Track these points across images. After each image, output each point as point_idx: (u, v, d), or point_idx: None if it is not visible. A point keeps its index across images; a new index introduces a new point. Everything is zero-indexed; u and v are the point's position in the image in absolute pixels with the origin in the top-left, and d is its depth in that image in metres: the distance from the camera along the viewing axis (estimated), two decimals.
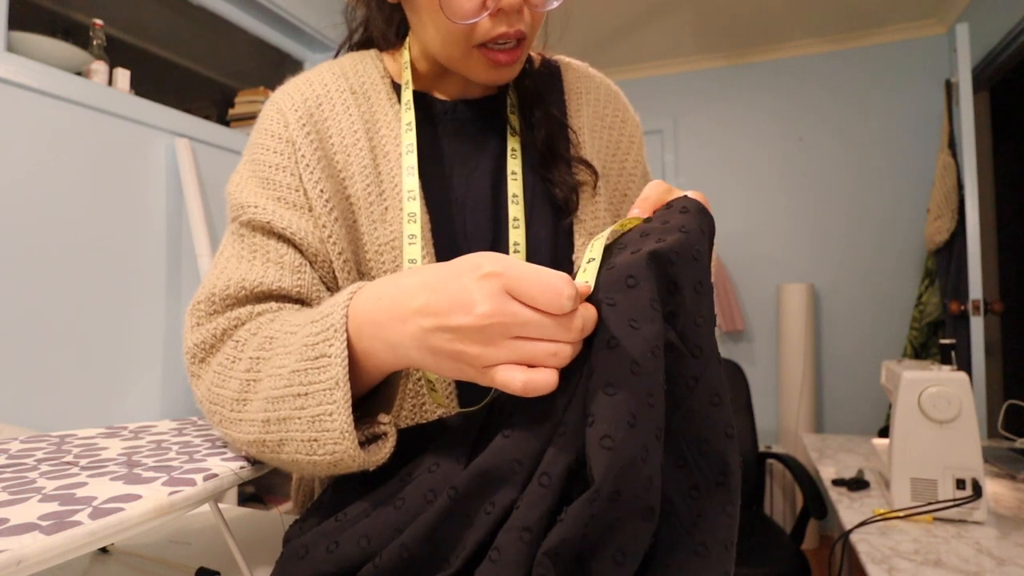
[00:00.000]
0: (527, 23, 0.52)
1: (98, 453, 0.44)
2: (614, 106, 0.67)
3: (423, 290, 0.34)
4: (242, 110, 2.01)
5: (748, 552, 1.56)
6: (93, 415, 1.44)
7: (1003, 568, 0.82)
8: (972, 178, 1.98)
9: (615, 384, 0.30)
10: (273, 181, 0.53)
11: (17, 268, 1.30)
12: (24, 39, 1.35)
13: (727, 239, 2.98)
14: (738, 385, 1.95)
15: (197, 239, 1.62)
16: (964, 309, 2.04)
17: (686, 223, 0.37)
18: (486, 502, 0.32)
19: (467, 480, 0.33)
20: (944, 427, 0.99)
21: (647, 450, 0.30)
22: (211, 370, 0.45)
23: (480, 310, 0.31)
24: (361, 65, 0.60)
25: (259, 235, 0.51)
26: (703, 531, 0.32)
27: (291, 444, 0.38)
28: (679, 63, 3.10)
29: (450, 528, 0.33)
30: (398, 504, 0.35)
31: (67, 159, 1.41)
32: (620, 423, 0.30)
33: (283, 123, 0.55)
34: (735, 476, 0.33)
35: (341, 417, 0.35)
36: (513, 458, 0.32)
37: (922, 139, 2.67)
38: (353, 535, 0.35)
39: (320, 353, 0.37)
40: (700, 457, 0.34)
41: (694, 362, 0.34)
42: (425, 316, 0.33)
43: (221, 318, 0.47)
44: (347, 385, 0.35)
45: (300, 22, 2.16)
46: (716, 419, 0.34)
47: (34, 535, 0.27)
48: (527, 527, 0.30)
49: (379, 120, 0.57)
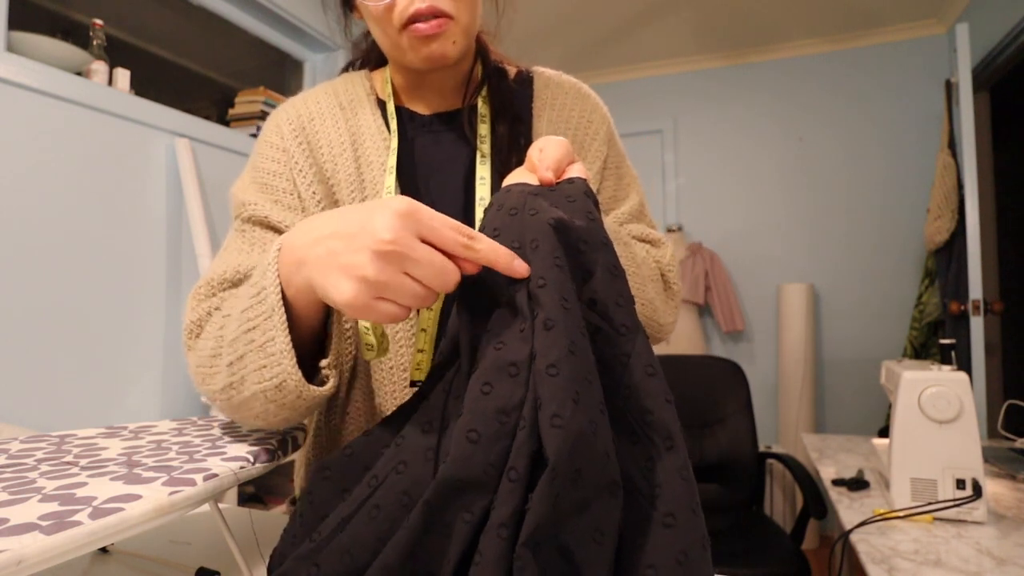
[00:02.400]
0: (446, 2, 0.54)
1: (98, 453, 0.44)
2: (580, 107, 0.69)
3: (337, 219, 0.37)
4: (242, 110, 2.01)
5: (748, 552, 1.56)
6: (93, 415, 1.44)
7: (1003, 568, 0.82)
8: (972, 178, 1.98)
9: (557, 364, 0.32)
10: (271, 186, 0.59)
11: (17, 268, 1.30)
12: (24, 39, 1.35)
13: (727, 239, 2.98)
14: (738, 385, 1.95)
15: (197, 239, 1.62)
16: (964, 309, 2.04)
17: (592, 210, 0.39)
18: (463, 511, 0.32)
19: (441, 492, 0.32)
20: (944, 427, 0.99)
21: (594, 424, 0.31)
22: (196, 350, 0.49)
23: (383, 236, 0.34)
24: (351, 84, 0.66)
25: (258, 229, 0.57)
26: (666, 501, 0.33)
27: (249, 378, 0.42)
28: (679, 63, 3.10)
29: (431, 542, 0.32)
30: (374, 513, 0.34)
31: (67, 159, 1.41)
32: (566, 401, 0.31)
33: (279, 135, 0.61)
34: (680, 439, 0.34)
35: (280, 338, 0.39)
36: (487, 463, 0.32)
37: (922, 139, 2.67)
38: (334, 553, 0.34)
39: (260, 288, 0.41)
40: (647, 428, 0.34)
41: (623, 340, 0.36)
42: (334, 239, 0.36)
43: (215, 299, 0.52)
44: (282, 311, 0.40)
45: (300, 22, 2.16)
46: (654, 388, 0.35)
47: (34, 535, 0.27)
48: (503, 523, 0.30)
49: (363, 132, 0.62)
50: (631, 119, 3.17)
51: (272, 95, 2.04)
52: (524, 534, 0.29)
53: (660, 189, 3.12)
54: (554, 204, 0.39)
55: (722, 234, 3.00)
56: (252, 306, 0.42)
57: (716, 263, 2.86)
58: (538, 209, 0.38)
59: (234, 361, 0.43)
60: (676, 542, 0.31)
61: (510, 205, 0.40)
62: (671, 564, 0.31)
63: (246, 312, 0.42)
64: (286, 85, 2.38)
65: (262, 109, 1.99)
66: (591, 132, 0.67)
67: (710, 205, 3.04)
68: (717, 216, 3.02)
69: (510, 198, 0.41)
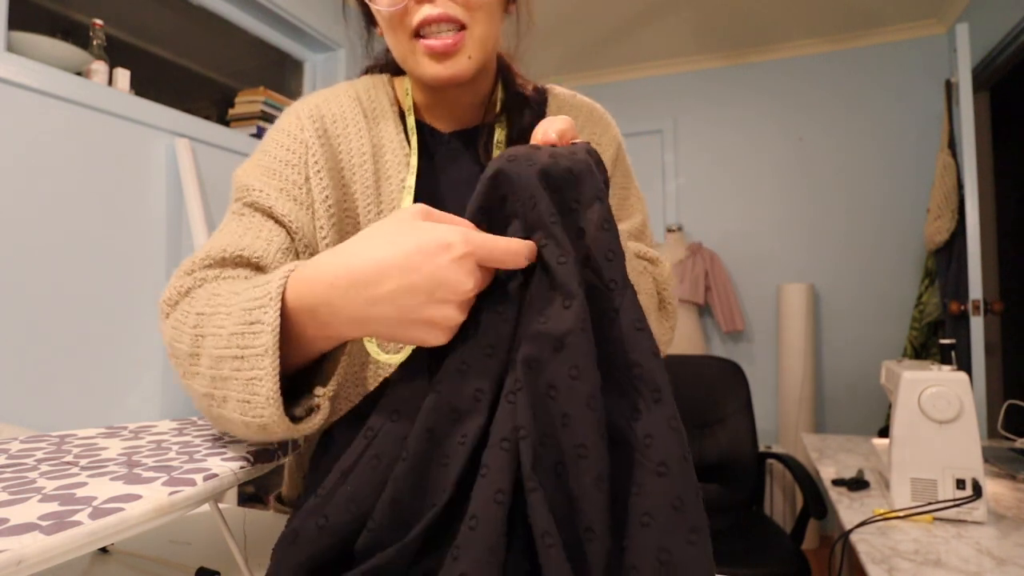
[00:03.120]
0: (459, 11, 0.54)
1: (98, 453, 0.44)
2: (591, 128, 0.69)
3: (395, 273, 0.34)
4: (242, 110, 2.01)
5: (748, 552, 1.56)
6: (93, 415, 1.44)
7: (1003, 568, 0.82)
8: (972, 178, 1.98)
9: (548, 314, 0.34)
10: (281, 174, 0.56)
11: (17, 268, 1.30)
12: (24, 39, 1.35)
13: (727, 239, 2.99)
14: (738, 385, 1.95)
15: (197, 239, 1.62)
16: (964, 309, 2.04)
17: (592, 165, 0.40)
18: (458, 435, 0.34)
19: (435, 416, 0.34)
20: (944, 427, 0.99)
21: (578, 368, 0.33)
22: (169, 325, 0.47)
23: (467, 287, 0.34)
24: (374, 90, 0.64)
25: (258, 215, 0.55)
26: (657, 450, 0.33)
27: (231, 402, 0.40)
28: (679, 63, 3.10)
29: (432, 470, 0.33)
30: (374, 463, 0.35)
31: (67, 159, 1.41)
32: (546, 346, 0.33)
33: (300, 127, 0.59)
34: (667, 391, 0.35)
35: (268, 383, 0.37)
36: (475, 388, 0.34)
37: (922, 139, 2.67)
38: (339, 502, 0.35)
39: (255, 319, 0.38)
40: (636, 380, 0.35)
41: (612, 295, 0.36)
42: (403, 296, 0.34)
43: (190, 278, 0.49)
44: (276, 353, 0.37)
45: (300, 22, 2.16)
46: (642, 342, 0.35)
47: (34, 535, 0.27)
48: (505, 438, 0.32)
49: (385, 145, 0.61)
50: (631, 119, 3.17)
51: (272, 95, 2.04)
52: (528, 459, 0.31)
53: (660, 189, 3.12)
54: (554, 157, 0.39)
55: (722, 234, 3.00)
56: (243, 333, 0.38)
57: (716, 263, 2.86)
58: (535, 160, 0.38)
59: (218, 378, 0.40)
60: (670, 490, 0.32)
61: (507, 155, 0.40)
62: (667, 511, 0.32)
63: (235, 337, 0.39)
64: (286, 85, 2.38)
65: (262, 109, 1.99)
66: (602, 156, 0.68)
67: (710, 205, 3.04)
68: (717, 216, 3.02)
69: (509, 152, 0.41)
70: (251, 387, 0.38)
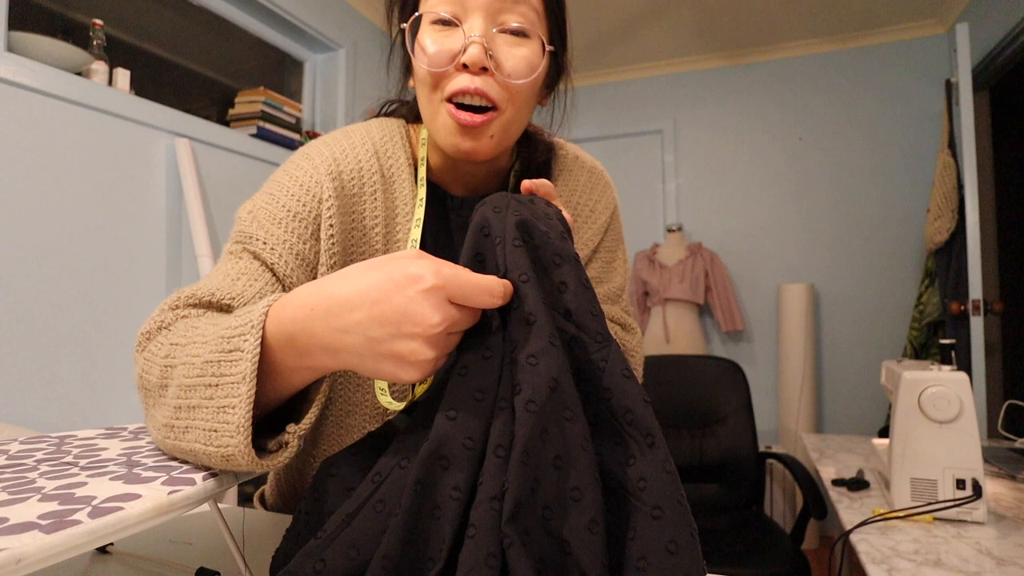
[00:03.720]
0: (497, 91, 0.54)
1: (98, 454, 0.44)
2: (589, 192, 0.70)
3: (365, 302, 0.35)
4: (242, 110, 2.01)
5: (748, 552, 1.56)
6: (93, 416, 1.44)
7: (1003, 568, 0.82)
8: (972, 178, 1.98)
9: (537, 355, 0.34)
10: (289, 226, 0.55)
11: (17, 268, 1.30)
12: (24, 39, 1.35)
13: (727, 239, 2.99)
14: (738, 385, 1.95)
15: (197, 239, 1.62)
16: (964, 309, 2.04)
17: (566, 231, 0.42)
18: (449, 487, 0.33)
19: (425, 467, 0.33)
20: (944, 427, 0.99)
21: (571, 411, 0.34)
22: (142, 357, 0.46)
23: (432, 321, 0.34)
24: (391, 144, 0.63)
25: (256, 264, 0.54)
26: (652, 494, 0.34)
27: (194, 432, 0.39)
28: (679, 63, 3.10)
29: (424, 523, 0.33)
30: (378, 508, 0.35)
31: (67, 159, 1.41)
32: (542, 388, 0.33)
33: (316, 181, 0.57)
34: (660, 435, 0.36)
35: (240, 411, 0.36)
36: (465, 436, 0.34)
37: (922, 139, 2.67)
38: (339, 548, 0.34)
39: (235, 347, 0.38)
40: (629, 427, 0.36)
41: (599, 347, 0.38)
42: (372, 326, 0.35)
43: (172, 313, 0.48)
44: (253, 382, 0.36)
45: (300, 22, 2.16)
46: (632, 390, 0.37)
47: (33, 534, 0.27)
48: (494, 496, 0.32)
49: (398, 208, 0.60)
50: (631, 119, 3.17)
51: (272, 95, 2.04)
52: (506, 513, 0.31)
53: (660, 189, 3.12)
54: (533, 214, 0.41)
55: (722, 234, 3.00)
56: (219, 361, 0.38)
57: (716, 263, 2.86)
58: (520, 215, 0.39)
59: (183, 407, 0.39)
60: (665, 532, 0.32)
61: (493, 204, 0.41)
62: (662, 554, 0.32)
63: (210, 365, 0.38)
64: (286, 85, 2.38)
65: (262, 109, 1.99)
66: (592, 219, 0.68)
67: (710, 205, 3.04)
68: (717, 216, 3.02)
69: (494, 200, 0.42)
70: (222, 415, 0.37)
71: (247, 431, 0.36)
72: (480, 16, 0.53)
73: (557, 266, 0.39)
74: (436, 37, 0.54)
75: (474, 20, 0.53)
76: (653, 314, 2.84)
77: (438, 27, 0.54)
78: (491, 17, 0.53)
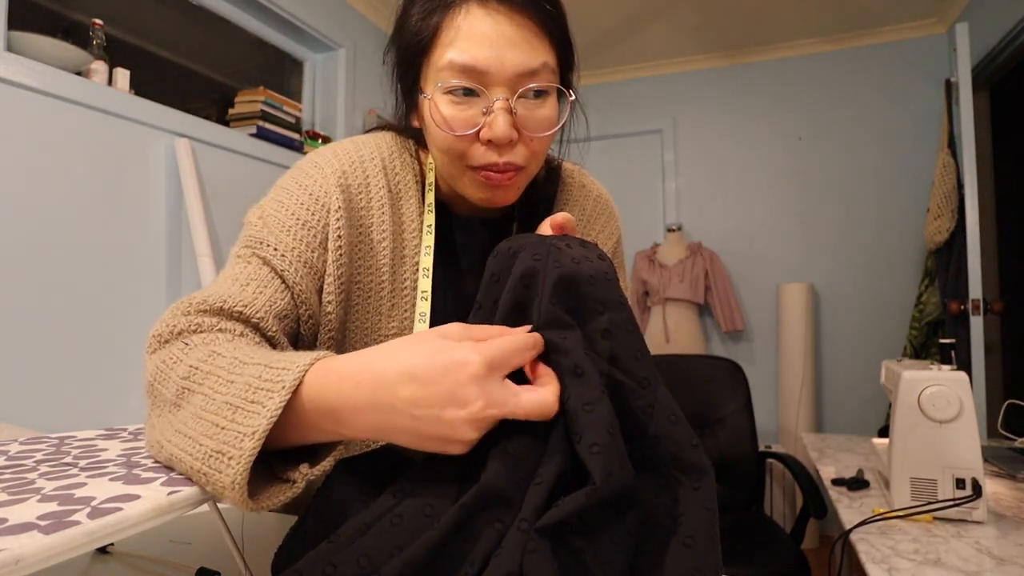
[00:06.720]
0: (523, 155, 0.54)
1: (97, 454, 0.44)
2: (594, 219, 0.70)
3: (411, 383, 0.35)
4: (242, 110, 2.01)
5: (748, 552, 1.56)
6: (93, 417, 1.44)
7: (1003, 568, 0.82)
8: (972, 178, 1.98)
9: (591, 403, 0.36)
10: (298, 234, 0.55)
11: (17, 268, 1.30)
12: (24, 39, 1.35)
13: (727, 239, 2.98)
14: (738, 385, 1.95)
15: (197, 239, 1.62)
16: (964, 309, 2.04)
17: (610, 271, 0.42)
18: (495, 520, 0.34)
19: (479, 498, 0.34)
20: (944, 427, 0.99)
21: (623, 451, 0.35)
22: (157, 359, 0.45)
23: (475, 407, 0.34)
24: (400, 162, 0.62)
25: (265, 269, 0.53)
26: (688, 526, 0.35)
27: (181, 465, 0.38)
28: (679, 63, 3.10)
29: (457, 544, 0.34)
30: (396, 521, 0.35)
31: (67, 159, 1.41)
32: (602, 432, 0.35)
33: (325, 191, 0.57)
34: (709, 476, 0.37)
35: (240, 466, 0.35)
36: (521, 477, 0.36)
37: (922, 139, 2.67)
38: (351, 555, 0.35)
39: (257, 400, 0.37)
40: (678, 472, 0.37)
41: (644, 392, 0.38)
42: (418, 407, 0.35)
43: (185, 319, 0.48)
44: (261, 440, 0.35)
45: (300, 22, 2.16)
46: (680, 435, 0.38)
47: (32, 534, 0.27)
48: (524, 518, 0.33)
49: (405, 225, 0.60)
50: (631, 119, 3.17)
51: (272, 95, 2.04)
52: (542, 522, 0.32)
53: (660, 189, 3.12)
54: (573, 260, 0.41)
55: (722, 234, 3.00)
56: (238, 407, 0.37)
57: (716, 263, 2.86)
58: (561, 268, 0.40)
59: (184, 434, 0.38)
60: (693, 560, 0.34)
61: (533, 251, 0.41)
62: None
63: (228, 407, 0.38)
64: (286, 85, 2.38)
65: (262, 109, 1.99)
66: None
67: (710, 205, 3.04)
68: (717, 216, 3.02)
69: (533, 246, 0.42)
70: (215, 460, 0.36)
71: (243, 488, 0.35)
72: (505, 88, 0.51)
73: (600, 313, 0.39)
74: (454, 109, 0.52)
75: (497, 90, 0.51)
76: (653, 314, 2.85)
77: (457, 96, 0.52)
78: (514, 88, 0.52)
